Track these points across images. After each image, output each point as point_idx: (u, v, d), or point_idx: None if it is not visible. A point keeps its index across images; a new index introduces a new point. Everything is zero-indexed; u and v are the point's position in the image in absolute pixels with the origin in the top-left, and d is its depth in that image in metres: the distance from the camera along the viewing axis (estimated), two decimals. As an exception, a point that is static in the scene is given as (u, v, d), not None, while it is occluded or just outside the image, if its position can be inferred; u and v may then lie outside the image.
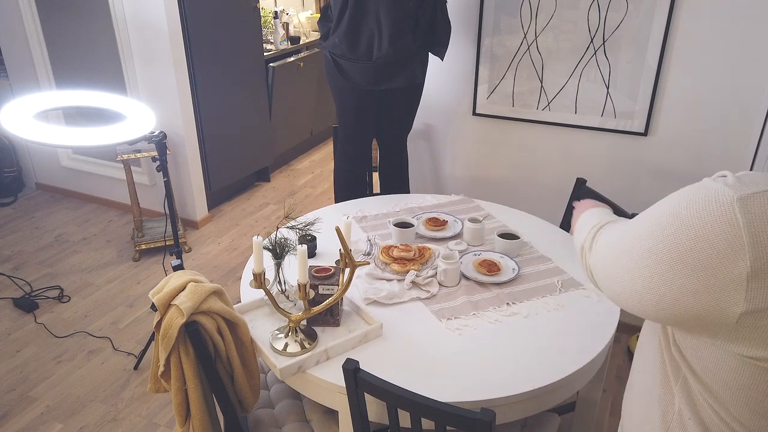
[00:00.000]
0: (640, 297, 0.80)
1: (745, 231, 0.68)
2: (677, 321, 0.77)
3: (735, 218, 0.69)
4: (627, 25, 2.26)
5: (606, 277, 0.88)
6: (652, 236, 0.77)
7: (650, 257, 0.77)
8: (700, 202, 0.72)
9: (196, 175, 3.59)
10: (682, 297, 0.74)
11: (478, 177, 2.82)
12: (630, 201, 2.52)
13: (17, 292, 3.02)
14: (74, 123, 3.68)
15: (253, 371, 1.47)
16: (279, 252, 1.52)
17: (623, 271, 0.82)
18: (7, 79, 3.87)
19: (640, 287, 0.79)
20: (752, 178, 0.73)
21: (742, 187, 0.71)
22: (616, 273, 0.84)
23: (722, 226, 0.69)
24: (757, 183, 0.71)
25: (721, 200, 0.70)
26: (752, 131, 2.23)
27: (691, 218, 0.72)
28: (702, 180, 0.77)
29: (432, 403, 1.12)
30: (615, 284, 0.85)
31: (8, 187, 4.02)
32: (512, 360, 1.43)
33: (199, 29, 3.39)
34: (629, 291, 0.82)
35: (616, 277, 0.84)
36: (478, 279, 1.71)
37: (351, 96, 2.42)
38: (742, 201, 0.69)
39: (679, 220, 0.74)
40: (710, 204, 0.71)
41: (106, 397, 2.36)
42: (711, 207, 0.71)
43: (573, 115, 2.48)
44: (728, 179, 0.73)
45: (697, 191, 0.74)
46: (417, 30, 2.26)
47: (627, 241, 0.83)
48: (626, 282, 0.82)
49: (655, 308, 0.78)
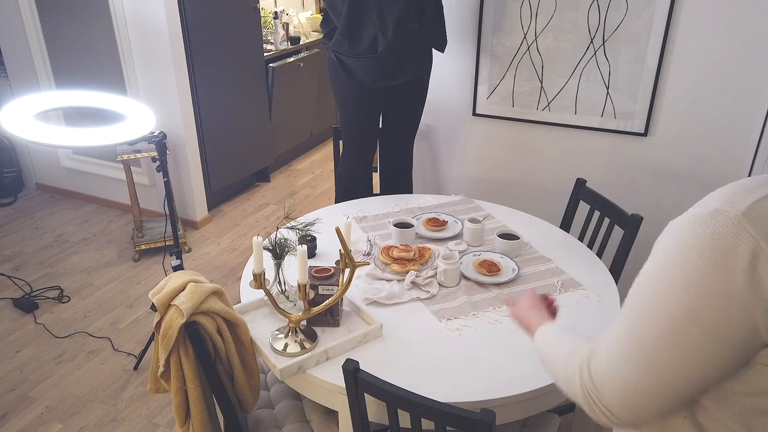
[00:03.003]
0: (702, 368, 0.72)
1: (764, 241, 0.66)
2: (739, 362, 0.72)
3: (748, 233, 0.67)
4: (627, 25, 2.26)
5: (651, 389, 0.76)
6: (679, 304, 0.71)
7: (692, 325, 0.71)
8: (707, 238, 0.69)
9: (196, 176, 3.59)
10: (736, 331, 0.69)
11: (478, 177, 2.82)
12: (630, 201, 2.52)
13: (17, 292, 3.02)
14: (74, 123, 3.68)
15: (253, 371, 1.47)
16: (279, 252, 1.52)
17: (671, 363, 0.73)
18: (7, 79, 3.87)
19: (698, 361, 0.72)
20: (741, 187, 0.71)
21: (736, 201, 0.69)
22: (662, 377, 0.75)
23: (742, 245, 0.67)
24: (751, 190, 0.70)
25: (727, 222, 0.68)
26: (752, 131, 2.23)
27: (706, 255, 0.69)
28: (686, 217, 0.73)
29: (432, 404, 1.12)
30: (665, 384, 0.75)
31: (8, 187, 4.02)
32: (512, 360, 1.43)
33: (199, 29, 3.39)
34: (687, 375, 0.73)
35: (665, 377, 0.74)
36: (478, 279, 1.71)
37: (356, 97, 2.40)
38: (746, 214, 0.68)
39: (700, 258, 0.69)
40: (718, 234, 0.68)
41: (106, 398, 2.36)
42: (721, 235, 0.68)
43: (573, 115, 2.48)
44: (712, 204, 0.71)
45: (696, 231, 0.70)
46: (423, 17, 2.24)
47: (647, 339, 0.75)
48: (680, 367, 0.73)
49: (720, 364, 0.72)
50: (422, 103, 2.54)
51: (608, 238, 1.99)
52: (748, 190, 0.71)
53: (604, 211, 2.01)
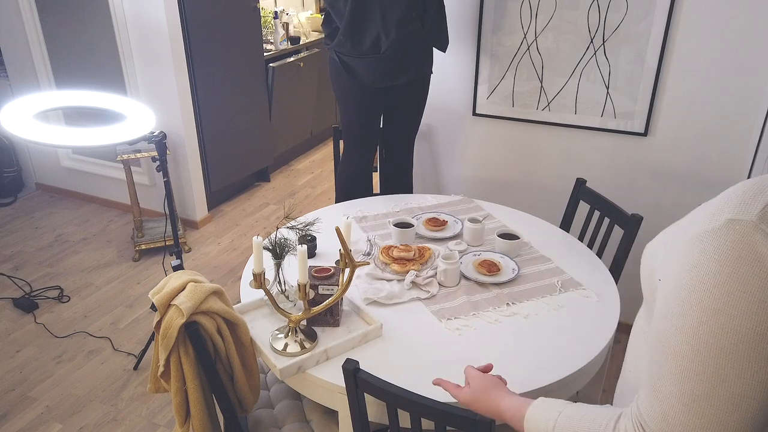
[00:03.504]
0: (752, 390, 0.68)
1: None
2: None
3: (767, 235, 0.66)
4: (627, 25, 2.26)
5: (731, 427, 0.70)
6: (736, 331, 0.67)
7: (758, 346, 0.67)
8: (729, 252, 0.67)
9: (196, 175, 3.59)
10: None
11: (478, 177, 2.82)
12: (629, 201, 2.52)
13: (17, 292, 3.02)
14: (74, 123, 3.68)
15: (253, 371, 1.47)
16: (279, 252, 1.52)
17: (744, 395, 0.69)
18: (7, 79, 3.87)
19: (760, 375, 0.68)
20: (747, 191, 0.69)
21: (748, 207, 0.68)
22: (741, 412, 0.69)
23: (764, 247, 0.66)
24: (759, 192, 0.69)
25: (746, 232, 0.67)
26: (752, 132, 2.23)
27: (735, 269, 0.67)
28: (696, 236, 0.70)
29: (432, 404, 1.12)
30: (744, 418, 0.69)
31: (8, 187, 4.02)
32: (512, 360, 1.43)
33: (199, 29, 3.39)
34: (737, 405, 0.69)
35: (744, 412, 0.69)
36: (478, 279, 1.71)
37: (357, 97, 2.40)
38: (763, 219, 0.67)
39: (727, 275, 0.67)
40: (740, 245, 0.67)
41: (106, 398, 2.36)
42: (743, 245, 0.66)
43: (573, 115, 2.48)
44: (722, 215, 0.69)
45: (718, 248, 0.68)
46: (425, 17, 2.24)
47: (694, 384, 0.70)
48: (753, 397, 0.69)
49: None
50: (423, 103, 2.54)
51: (608, 238, 1.99)
52: (754, 193, 0.69)
53: (604, 211, 2.01)
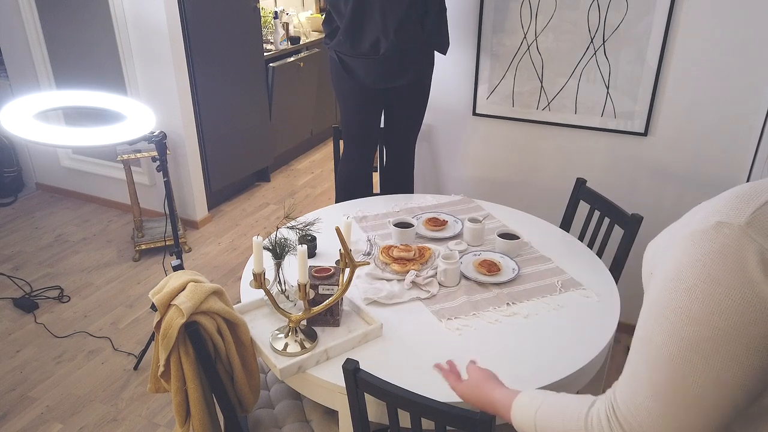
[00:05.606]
0: (742, 384, 0.70)
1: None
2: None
3: (755, 242, 0.66)
4: (627, 25, 2.26)
5: (691, 423, 0.73)
6: (707, 326, 0.69)
7: (725, 344, 0.68)
8: (715, 253, 0.68)
9: (196, 175, 3.59)
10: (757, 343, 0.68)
11: (478, 177, 2.82)
12: (630, 201, 2.52)
13: (17, 292, 3.02)
14: (74, 123, 3.68)
15: (253, 371, 1.47)
16: (279, 252, 1.52)
17: (705, 395, 0.71)
18: (7, 79, 3.87)
19: (727, 374, 0.69)
20: (738, 196, 0.70)
21: (738, 211, 0.68)
22: (700, 412, 0.72)
23: (750, 254, 0.66)
24: (750, 198, 0.69)
25: (733, 235, 0.67)
26: (752, 132, 2.23)
27: (718, 273, 0.68)
28: (685, 236, 0.71)
29: (432, 403, 1.12)
30: (705, 416, 0.72)
31: (8, 187, 4.02)
32: (512, 360, 1.43)
33: (199, 29, 3.39)
34: (723, 402, 0.71)
35: (703, 412, 0.71)
36: (478, 279, 1.71)
37: (357, 97, 2.40)
38: (750, 224, 0.67)
39: (710, 278, 0.68)
40: (726, 248, 0.67)
41: (106, 397, 2.36)
42: (729, 249, 0.67)
43: (573, 115, 2.48)
44: (712, 217, 0.69)
45: (703, 248, 0.69)
46: (426, 19, 2.24)
47: (676, 368, 0.72)
48: (715, 396, 0.71)
49: (755, 382, 0.70)
50: (424, 105, 2.54)
51: (608, 238, 1.99)
52: (746, 198, 0.70)
53: (604, 211, 2.01)
